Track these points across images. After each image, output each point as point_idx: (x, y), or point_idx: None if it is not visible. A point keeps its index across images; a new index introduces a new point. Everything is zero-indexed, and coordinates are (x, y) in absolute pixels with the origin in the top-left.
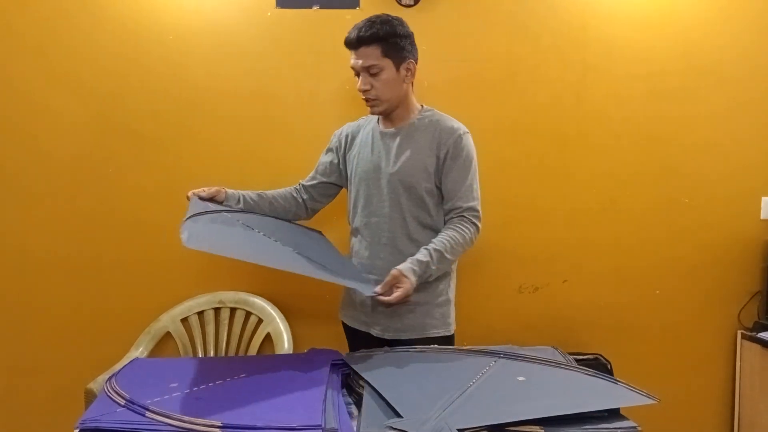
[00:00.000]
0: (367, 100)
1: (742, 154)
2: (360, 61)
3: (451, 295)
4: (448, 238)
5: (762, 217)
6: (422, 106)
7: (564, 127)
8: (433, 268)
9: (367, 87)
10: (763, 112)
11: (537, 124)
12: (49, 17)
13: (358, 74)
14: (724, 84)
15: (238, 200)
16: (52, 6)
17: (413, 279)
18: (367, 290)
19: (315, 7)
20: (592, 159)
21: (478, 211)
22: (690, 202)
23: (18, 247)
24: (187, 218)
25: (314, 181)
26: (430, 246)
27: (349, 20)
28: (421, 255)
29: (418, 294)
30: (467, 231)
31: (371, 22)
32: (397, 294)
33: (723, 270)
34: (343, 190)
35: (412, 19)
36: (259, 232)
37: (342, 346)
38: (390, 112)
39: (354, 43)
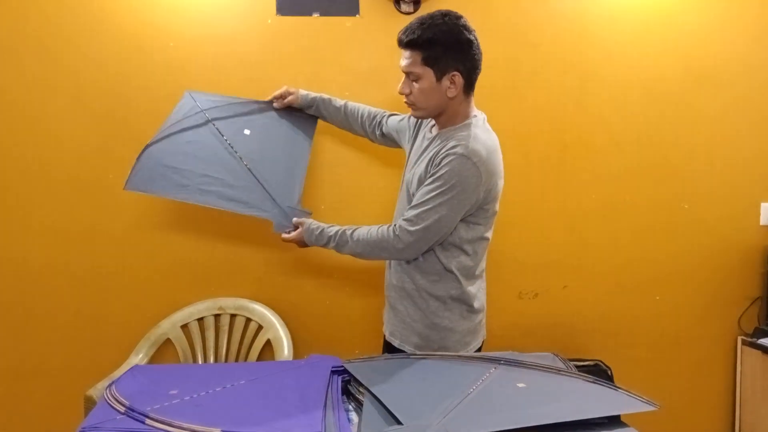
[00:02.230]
0: (406, 102)
1: (741, 159)
2: (402, 63)
3: (445, 323)
4: (363, 227)
5: (761, 222)
6: (474, 117)
7: (563, 132)
8: (333, 243)
9: (406, 91)
10: (762, 117)
11: (537, 129)
12: (50, 24)
13: None
14: (722, 89)
15: (311, 104)
16: (53, 13)
17: (305, 233)
18: (279, 226)
19: (315, 15)
20: (591, 164)
21: (409, 230)
22: (689, 207)
23: (18, 252)
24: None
25: (388, 126)
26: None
27: (349, 27)
28: (334, 227)
29: (399, 302)
30: (385, 233)
31: (420, 23)
32: (288, 235)
33: (723, 276)
34: None
35: None
36: (236, 138)
37: (341, 352)
38: (431, 117)
39: (399, 44)
